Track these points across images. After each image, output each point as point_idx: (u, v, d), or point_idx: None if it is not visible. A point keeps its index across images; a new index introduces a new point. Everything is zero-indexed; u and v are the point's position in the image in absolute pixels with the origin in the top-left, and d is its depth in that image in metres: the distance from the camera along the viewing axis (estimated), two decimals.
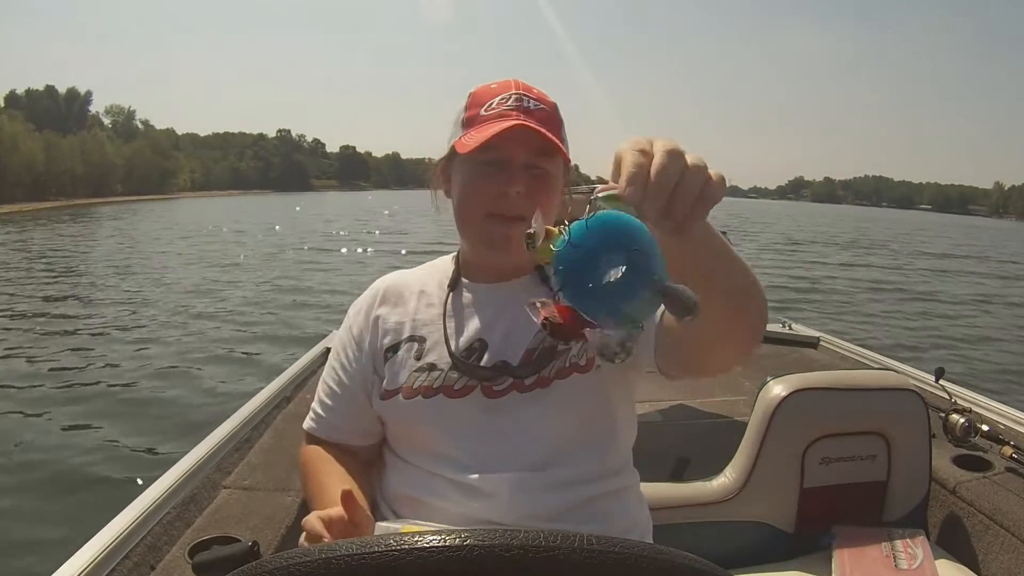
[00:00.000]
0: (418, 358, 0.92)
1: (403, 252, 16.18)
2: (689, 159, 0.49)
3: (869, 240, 29.79)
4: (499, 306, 0.93)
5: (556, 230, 0.47)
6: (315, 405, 1.01)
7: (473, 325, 0.92)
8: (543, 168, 0.88)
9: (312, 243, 18.81)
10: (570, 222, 0.46)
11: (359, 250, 17.04)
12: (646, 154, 0.48)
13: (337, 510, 0.71)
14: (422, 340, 0.93)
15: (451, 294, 0.96)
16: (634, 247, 0.45)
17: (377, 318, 0.97)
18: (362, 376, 0.96)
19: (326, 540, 0.68)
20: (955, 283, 15.20)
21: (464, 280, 0.97)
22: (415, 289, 0.98)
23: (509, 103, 0.88)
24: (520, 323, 0.90)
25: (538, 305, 0.50)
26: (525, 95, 0.89)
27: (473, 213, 0.90)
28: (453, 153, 0.91)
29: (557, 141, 0.86)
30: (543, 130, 0.85)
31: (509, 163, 0.87)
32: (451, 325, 0.93)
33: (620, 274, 0.44)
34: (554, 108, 0.92)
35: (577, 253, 0.45)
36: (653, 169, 0.48)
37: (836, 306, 10.66)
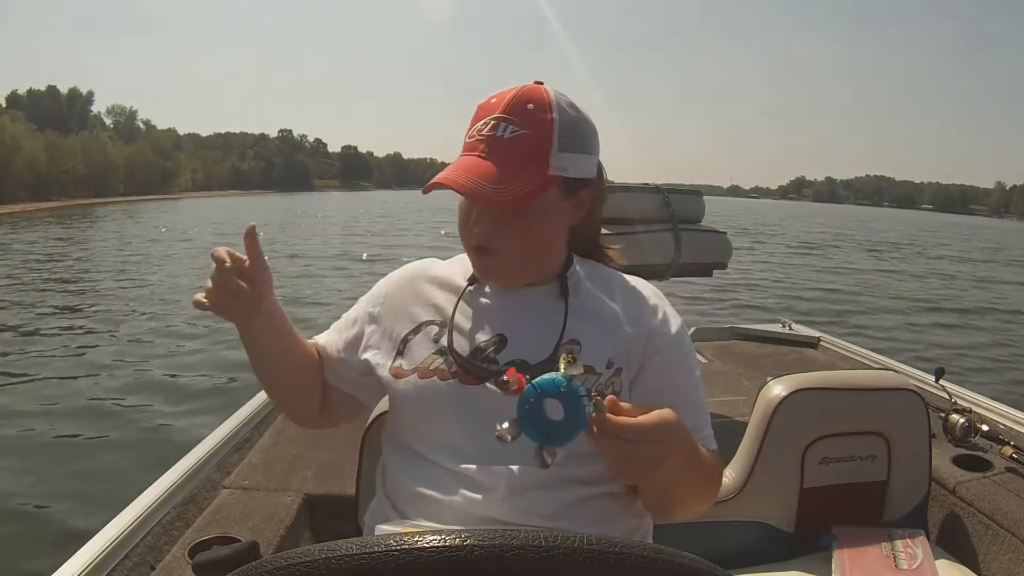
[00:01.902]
0: (436, 341, 0.92)
1: None
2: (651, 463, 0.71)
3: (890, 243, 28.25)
4: (522, 307, 0.93)
5: (564, 366, 0.68)
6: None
7: (494, 319, 0.92)
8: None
9: None
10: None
11: None
12: (626, 462, 0.70)
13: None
14: (443, 325, 0.93)
15: (469, 289, 0.96)
16: (569, 428, 0.66)
17: (407, 293, 0.99)
18: (365, 330, 0.98)
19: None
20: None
21: None
22: (443, 277, 0.99)
23: (485, 131, 0.86)
24: (545, 327, 0.90)
25: (510, 374, 0.71)
26: (506, 120, 0.85)
27: (463, 241, 0.92)
28: None
29: (491, 193, 0.83)
30: (469, 186, 0.83)
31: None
32: (472, 315, 0.93)
33: (550, 419, 0.67)
34: (542, 128, 0.86)
35: (559, 390, 0.67)
36: (626, 463, 0.71)
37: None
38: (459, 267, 1.00)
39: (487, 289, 0.95)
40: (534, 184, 0.85)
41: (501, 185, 0.84)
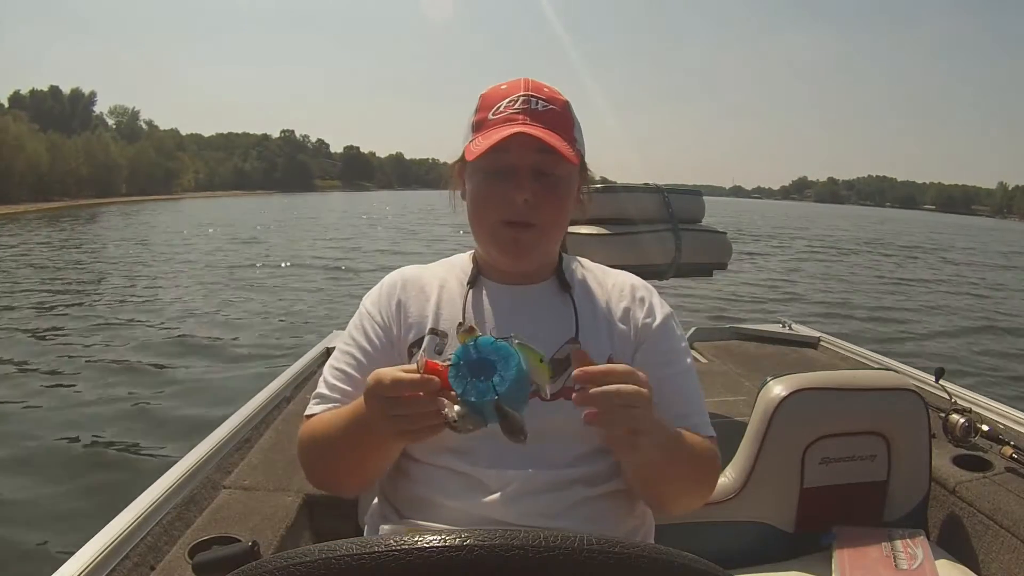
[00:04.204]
0: (439, 352, 0.90)
1: None
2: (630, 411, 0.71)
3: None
4: (521, 308, 0.93)
5: (477, 332, 0.71)
6: (322, 389, 0.93)
7: (493, 325, 0.91)
8: (551, 173, 0.88)
9: None
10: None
11: None
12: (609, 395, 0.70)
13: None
14: (444, 335, 0.92)
15: (471, 291, 0.95)
16: (504, 372, 0.68)
17: (399, 304, 0.94)
18: (388, 354, 0.92)
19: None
20: None
21: (483, 279, 0.96)
22: (435, 283, 0.97)
23: (516, 106, 0.88)
24: (544, 328, 0.89)
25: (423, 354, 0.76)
26: (534, 96, 0.89)
27: (484, 220, 0.90)
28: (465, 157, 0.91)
29: (563, 146, 0.85)
30: (546, 137, 0.85)
31: (516, 170, 0.87)
32: (475, 321, 0.91)
33: (483, 380, 0.68)
34: (565, 107, 0.91)
35: (473, 353, 0.70)
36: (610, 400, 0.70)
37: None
38: (448, 271, 0.99)
39: (486, 291, 0.95)
40: (577, 151, 0.89)
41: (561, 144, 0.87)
